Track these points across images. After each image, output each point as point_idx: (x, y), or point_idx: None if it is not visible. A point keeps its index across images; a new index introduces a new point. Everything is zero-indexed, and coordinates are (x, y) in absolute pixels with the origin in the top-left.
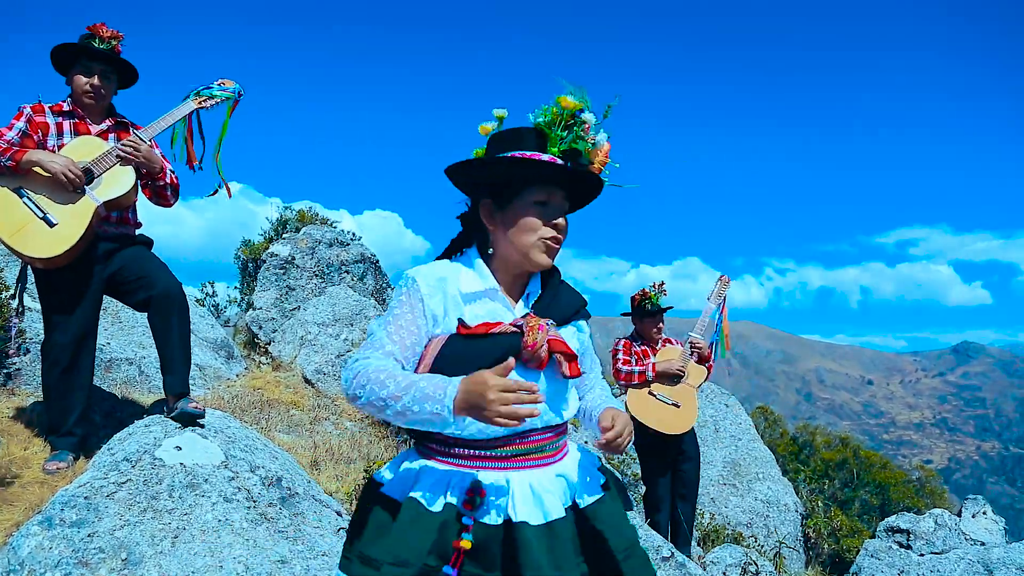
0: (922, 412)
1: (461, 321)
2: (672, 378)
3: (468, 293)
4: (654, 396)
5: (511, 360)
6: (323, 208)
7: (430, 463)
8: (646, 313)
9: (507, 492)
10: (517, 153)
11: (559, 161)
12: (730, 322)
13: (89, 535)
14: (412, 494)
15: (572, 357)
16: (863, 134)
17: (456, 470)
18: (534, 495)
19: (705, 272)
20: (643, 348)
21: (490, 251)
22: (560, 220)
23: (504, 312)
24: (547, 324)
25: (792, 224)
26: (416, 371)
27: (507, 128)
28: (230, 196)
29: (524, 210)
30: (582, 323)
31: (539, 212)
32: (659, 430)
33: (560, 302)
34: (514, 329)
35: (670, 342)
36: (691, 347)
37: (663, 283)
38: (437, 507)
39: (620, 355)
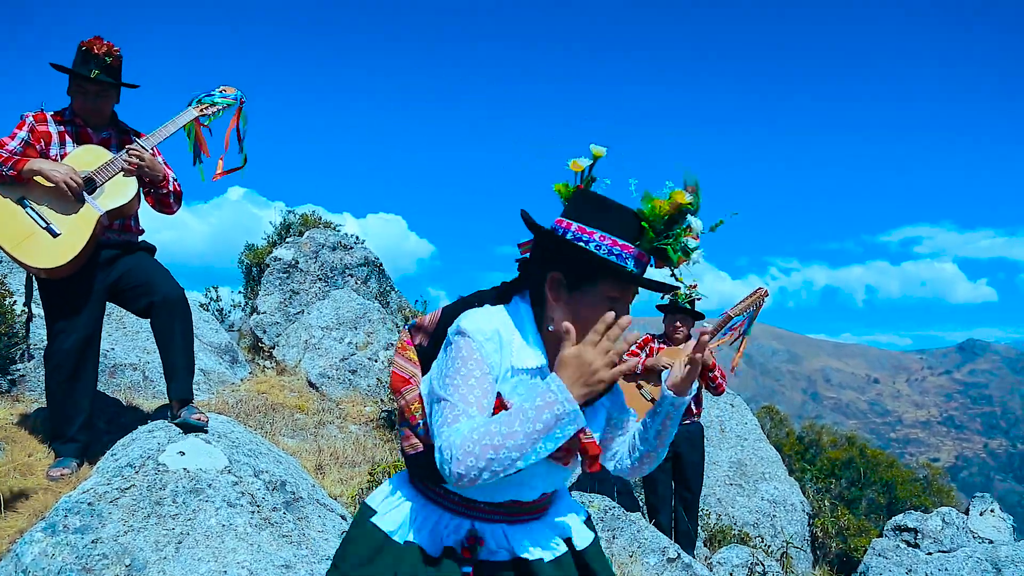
0: (928, 410)
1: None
2: (658, 375)
3: (523, 368)
4: (639, 390)
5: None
6: (326, 212)
7: (428, 504)
8: (667, 308)
9: (505, 541)
10: (607, 238)
11: (644, 261)
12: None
13: (93, 541)
14: (409, 538)
15: (596, 457)
16: (866, 132)
17: (452, 516)
18: (533, 536)
19: (709, 272)
20: (661, 346)
21: (549, 327)
22: (627, 318)
23: None
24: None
25: (796, 223)
26: None
27: (603, 196)
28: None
29: (596, 304)
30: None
31: (608, 308)
32: None
33: None
34: None
35: None
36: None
37: (695, 285)
38: (436, 552)
39: (632, 347)
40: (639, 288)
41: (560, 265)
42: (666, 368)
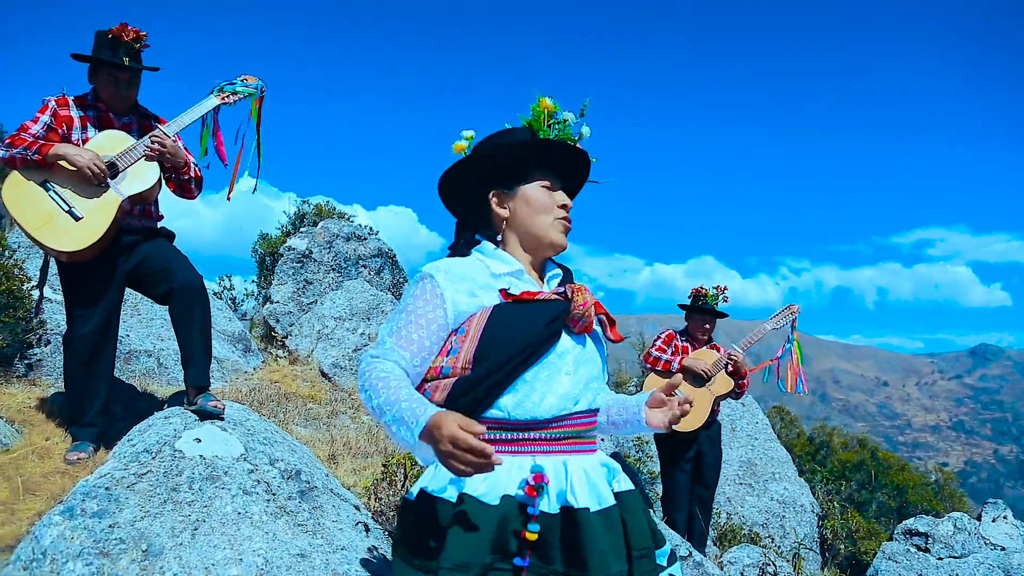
0: (938, 414)
1: (504, 291)
2: (695, 376)
3: (499, 274)
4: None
5: (481, 427)
6: (337, 203)
7: None
8: (694, 309)
9: (566, 477)
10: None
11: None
12: (745, 322)
13: (110, 526)
14: (465, 491)
15: (613, 321)
16: (880, 132)
17: (514, 457)
18: (588, 481)
19: (719, 271)
20: (685, 344)
21: (498, 238)
22: (562, 199)
23: (535, 287)
24: (589, 288)
25: (807, 223)
26: (462, 347)
27: (494, 131)
28: (255, 191)
29: (535, 192)
30: None
31: (548, 195)
32: None
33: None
34: (557, 296)
35: (717, 349)
36: (728, 358)
37: (726, 287)
38: (494, 500)
39: (658, 342)
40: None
41: (490, 183)
42: (704, 372)
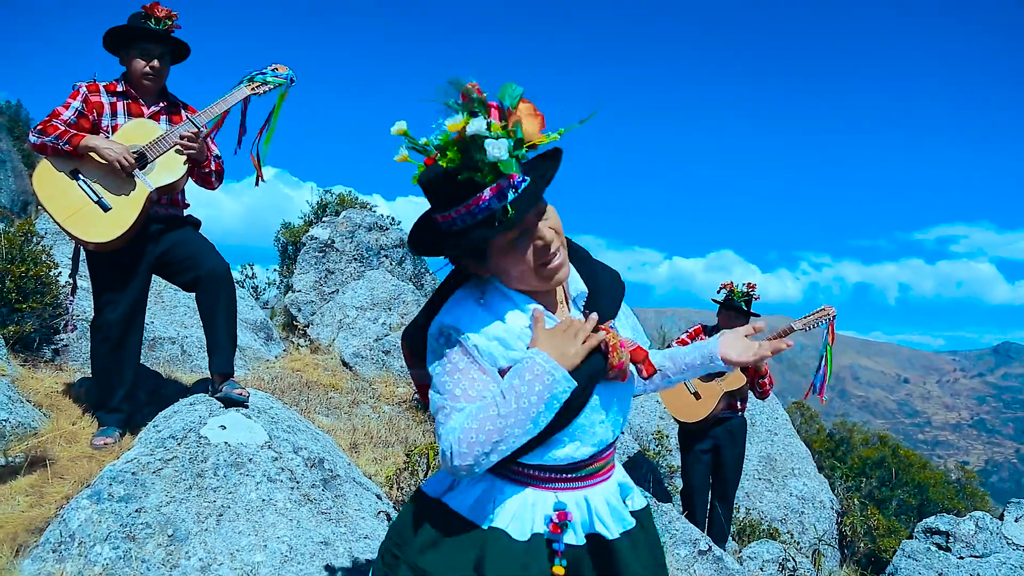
0: (959, 413)
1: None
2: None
3: (522, 329)
4: (684, 382)
5: (539, 308)
6: (358, 193)
7: (505, 482)
8: (722, 304)
9: (589, 511)
10: (463, 210)
11: (509, 183)
12: (767, 316)
13: (136, 510)
14: (496, 524)
15: (645, 356)
16: (903, 128)
17: (537, 491)
18: (611, 509)
19: (739, 265)
20: None
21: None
22: (539, 241)
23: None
24: (620, 336)
25: (828, 219)
26: None
27: (439, 181)
28: (258, 183)
29: (503, 258)
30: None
31: (517, 249)
32: (666, 408)
33: (605, 290)
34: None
35: None
36: None
37: (755, 286)
38: (523, 536)
39: (683, 335)
40: (542, 207)
41: (463, 254)
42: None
